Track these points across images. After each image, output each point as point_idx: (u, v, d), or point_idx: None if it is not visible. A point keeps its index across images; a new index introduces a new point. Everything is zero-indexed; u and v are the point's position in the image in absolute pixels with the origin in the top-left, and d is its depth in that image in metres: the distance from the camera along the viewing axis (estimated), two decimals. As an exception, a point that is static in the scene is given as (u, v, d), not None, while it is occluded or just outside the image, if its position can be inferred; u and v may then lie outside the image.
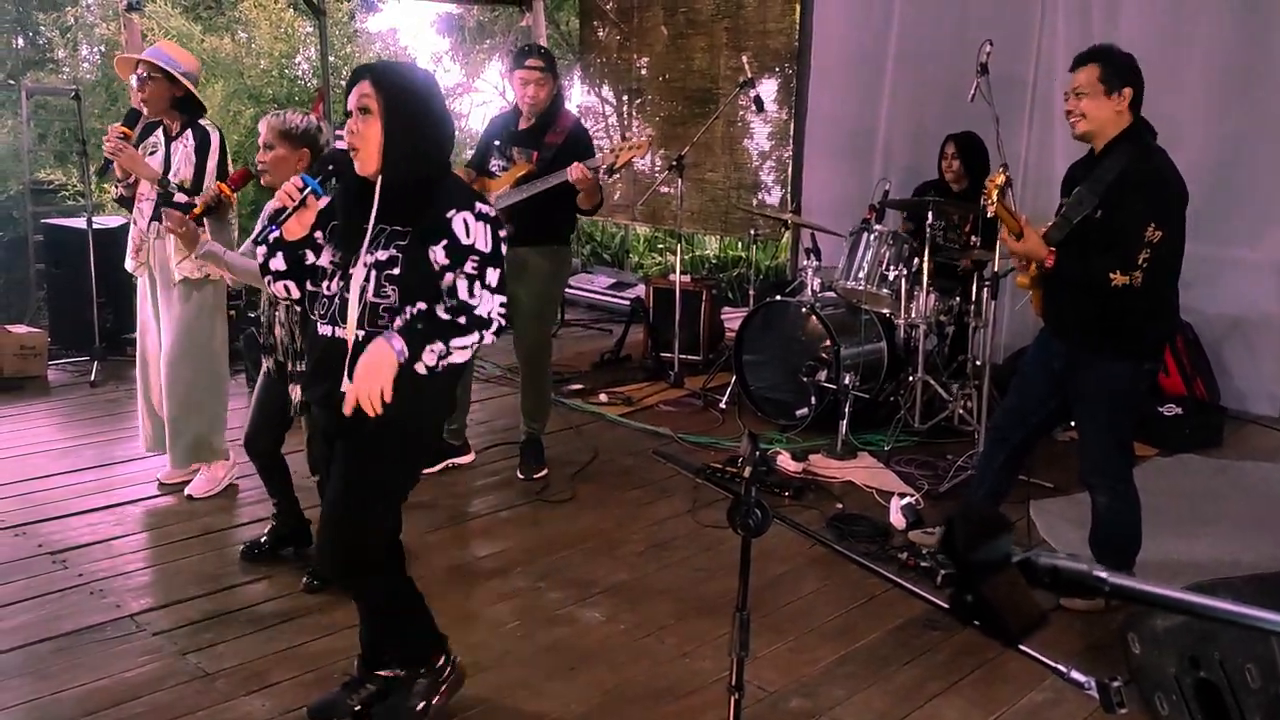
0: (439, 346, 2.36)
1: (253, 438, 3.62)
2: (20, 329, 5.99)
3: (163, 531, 3.95)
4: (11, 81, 9.93)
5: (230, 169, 4.15)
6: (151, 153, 4.11)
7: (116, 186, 4.26)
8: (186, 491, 4.23)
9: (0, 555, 3.70)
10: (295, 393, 3.36)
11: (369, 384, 2.32)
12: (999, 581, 0.93)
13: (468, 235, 2.42)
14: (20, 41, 11.15)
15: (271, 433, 3.60)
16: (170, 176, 4.05)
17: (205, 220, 3.77)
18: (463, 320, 2.39)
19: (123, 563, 3.68)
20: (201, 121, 4.13)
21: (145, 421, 4.41)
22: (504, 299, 2.46)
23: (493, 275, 2.44)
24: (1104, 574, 0.95)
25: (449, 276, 2.42)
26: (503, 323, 2.45)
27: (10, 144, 8.67)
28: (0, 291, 7.80)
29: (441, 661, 2.76)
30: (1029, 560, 0.98)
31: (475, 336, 2.40)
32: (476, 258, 2.41)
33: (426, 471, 3.89)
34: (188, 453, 4.24)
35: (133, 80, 4.07)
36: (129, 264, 4.28)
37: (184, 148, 4.07)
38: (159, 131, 4.15)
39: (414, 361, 2.35)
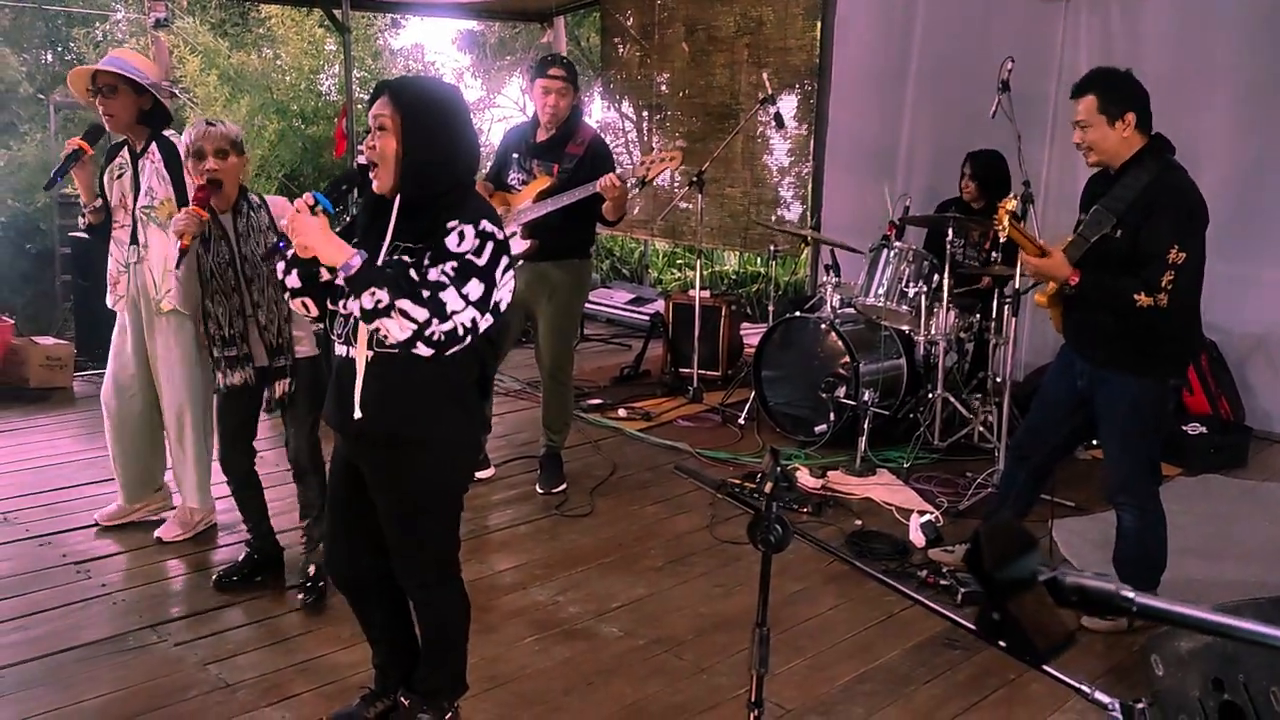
0: (383, 295, 2.23)
1: (225, 457, 3.60)
2: (47, 340, 6.06)
3: (184, 543, 3.96)
4: (41, 96, 10.08)
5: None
6: (119, 175, 3.81)
7: (84, 216, 3.85)
8: (156, 534, 3.97)
9: (24, 564, 3.74)
10: (279, 387, 3.40)
11: (297, 232, 2.33)
12: (1026, 600, 0.92)
13: (460, 244, 2.32)
14: (49, 56, 11.32)
15: (240, 445, 3.56)
16: (142, 196, 3.75)
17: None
18: (425, 293, 2.27)
19: (144, 573, 3.71)
20: (166, 133, 3.81)
21: (123, 471, 4.03)
22: (477, 317, 2.33)
23: (473, 286, 2.31)
24: (1131, 594, 0.94)
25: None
26: (466, 339, 2.32)
27: (39, 157, 8.79)
28: (28, 303, 7.90)
29: (450, 715, 2.74)
30: (1055, 579, 0.97)
31: (424, 314, 2.24)
32: (456, 261, 2.30)
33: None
34: (201, 488, 3.99)
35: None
36: (109, 300, 3.93)
37: (152, 164, 3.76)
38: (124, 151, 3.83)
39: (355, 287, 2.26)
